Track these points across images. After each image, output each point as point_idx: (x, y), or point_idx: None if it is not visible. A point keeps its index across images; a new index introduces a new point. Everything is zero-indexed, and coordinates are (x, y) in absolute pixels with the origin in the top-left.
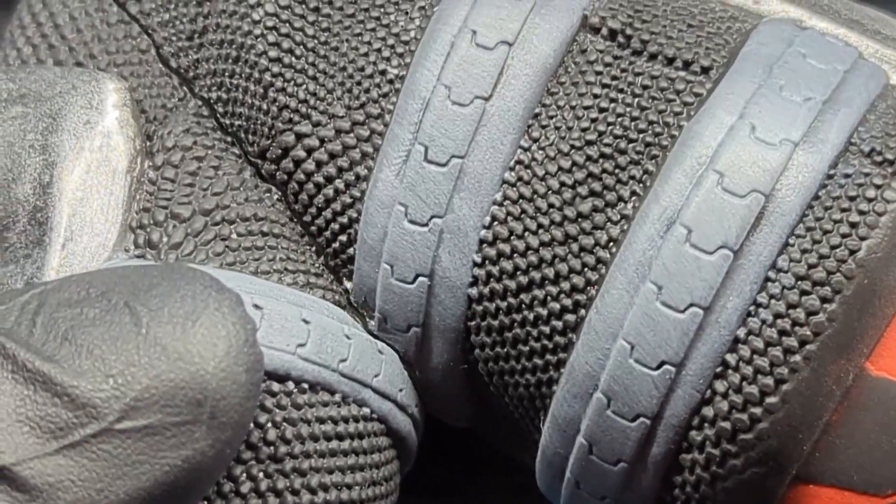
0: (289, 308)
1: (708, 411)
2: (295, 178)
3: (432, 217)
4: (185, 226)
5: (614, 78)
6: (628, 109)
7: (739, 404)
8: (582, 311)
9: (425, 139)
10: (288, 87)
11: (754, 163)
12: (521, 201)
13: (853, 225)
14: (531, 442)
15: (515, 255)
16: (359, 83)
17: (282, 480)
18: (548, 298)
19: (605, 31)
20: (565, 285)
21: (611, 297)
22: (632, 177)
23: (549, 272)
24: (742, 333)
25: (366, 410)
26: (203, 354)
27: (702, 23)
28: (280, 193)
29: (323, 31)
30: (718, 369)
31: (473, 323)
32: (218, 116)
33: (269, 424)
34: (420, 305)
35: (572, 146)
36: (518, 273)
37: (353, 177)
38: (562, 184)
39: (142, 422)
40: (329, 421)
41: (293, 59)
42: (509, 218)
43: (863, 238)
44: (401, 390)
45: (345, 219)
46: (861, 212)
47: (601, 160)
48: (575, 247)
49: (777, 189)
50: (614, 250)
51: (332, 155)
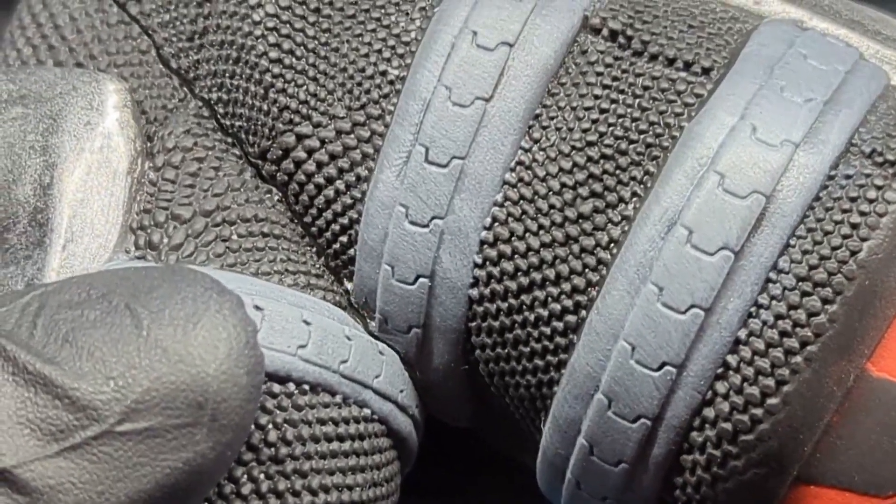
0: (289, 309)
1: (709, 412)
2: (295, 179)
3: (433, 218)
4: (186, 227)
5: (615, 79)
6: (629, 110)
7: (740, 405)
8: (583, 313)
9: (426, 140)
10: (288, 88)
11: (755, 164)
12: (522, 202)
13: (854, 226)
14: (532, 443)
15: (516, 256)
16: (359, 84)
17: (283, 482)
18: (549, 299)
19: (606, 32)
20: (566, 286)
21: (612, 299)
22: (633, 178)
23: (550, 273)
24: (743, 335)
25: (366, 411)
26: (204, 357)
27: (703, 23)
28: (280, 194)
29: (323, 32)
30: (719, 370)
31: (474, 324)
32: (218, 117)
33: (270, 426)
34: (421, 306)
35: (573, 147)
36: (519, 274)
37: (354, 178)
38: (563, 185)
39: (142, 424)
40: (330, 422)
41: (294, 60)
42: (510, 219)
43: (864, 239)
44: (401, 391)
45: (345, 220)
46: (862, 213)
47: (602, 161)
48: (576, 248)
49: (778, 190)
50: (615, 251)
51: (333, 156)
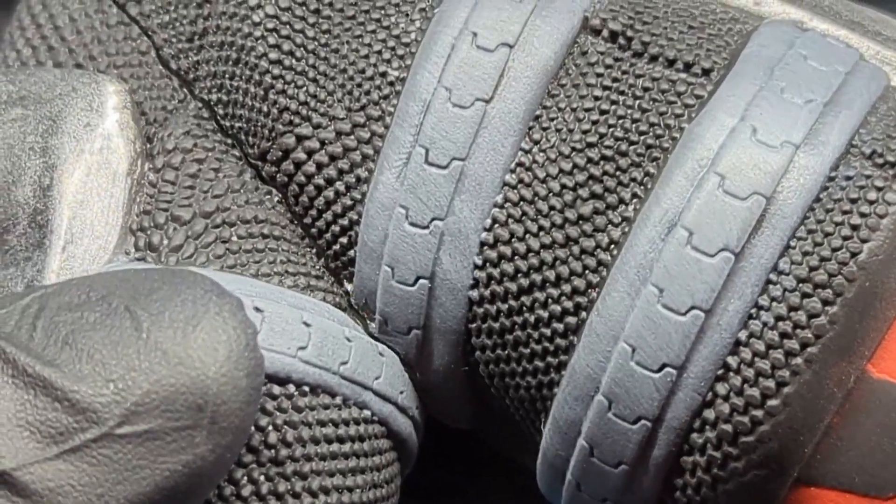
0: (289, 311)
1: (709, 414)
2: (295, 181)
3: (433, 219)
4: (186, 228)
5: (615, 80)
6: (629, 111)
7: (741, 407)
8: (583, 314)
9: (426, 141)
10: (288, 89)
11: (755, 165)
12: (522, 203)
13: (854, 227)
14: (532, 444)
15: (516, 258)
16: (359, 85)
17: (283, 483)
18: (549, 301)
19: (606, 33)
20: (566, 288)
21: (612, 300)
22: (633, 179)
23: (550, 274)
24: (743, 336)
25: (366, 413)
26: (204, 359)
27: (703, 24)
28: (280, 195)
29: (323, 33)
30: (720, 372)
31: (474, 325)
32: (218, 118)
33: (270, 427)
34: (421, 308)
35: (573, 148)
36: (519, 275)
37: (354, 179)
38: (563, 186)
39: (142, 427)
40: (330, 424)
41: (293, 61)
42: (510, 220)
43: (864, 240)
44: (401, 392)
45: (345, 221)
46: (862, 214)
47: (602, 162)
48: (576, 249)
49: (778, 191)
50: (615, 253)
51: (333, 157)
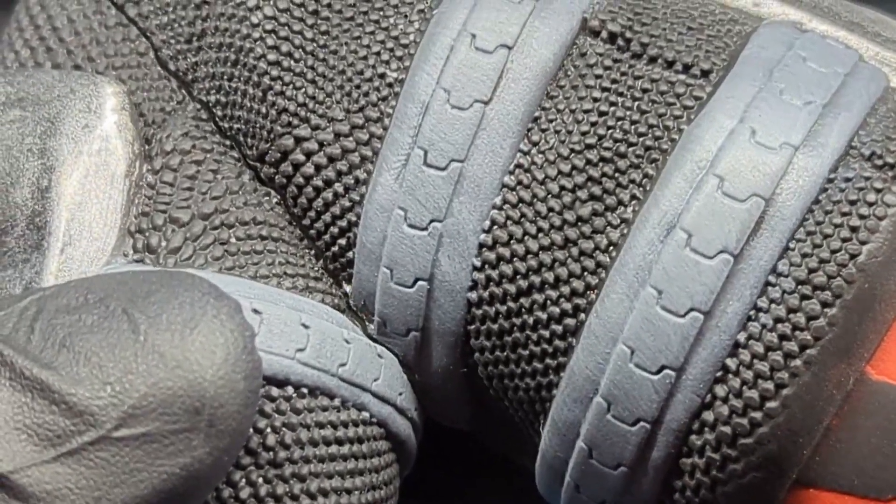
0: (288, 312)
1: (708, 415)
2: (294, 182)
3: (432, 221)
4: (184, 230)
5: (614, 81)
6: (628, 113)
7: (740, 409)
8: (582, 316)
9: (425, 143)
10: (287, 91)
11: (754, 167)
12: (521, 205)
13: (854, 229)
14: (531, 445)
15: (515, 259)
16: (358, 87)
17: (281, 486)
18: (547, 302)
19: (605, 35)
20: (565, 289)
21: (611, 302)
22: (632, 181)
23: (549, 276)
24: (742, 338)
25: (365, 415)
26: (201, 362)
27: (702, 25)
28: (279, 197)
29: (322, 35)
30: (719, 374)
31: (473, 327)
32: (217, 120)
33: (269, 430)
34: (419, 309)
35: (572, 150)
36: (518, 277)
37: (353, 180)
38: (561, 187)
39: (140, 429)
40: (328, 425)
41: (292, 63)
42: (509, 222)
43: (863, 242)
44: (400, 394)
45: (344, 222)
46: (861, 216)
47: (601, 164)
48: (575, 251)
49: (777, 193)
50: (614, 254)
51: (331, 158)
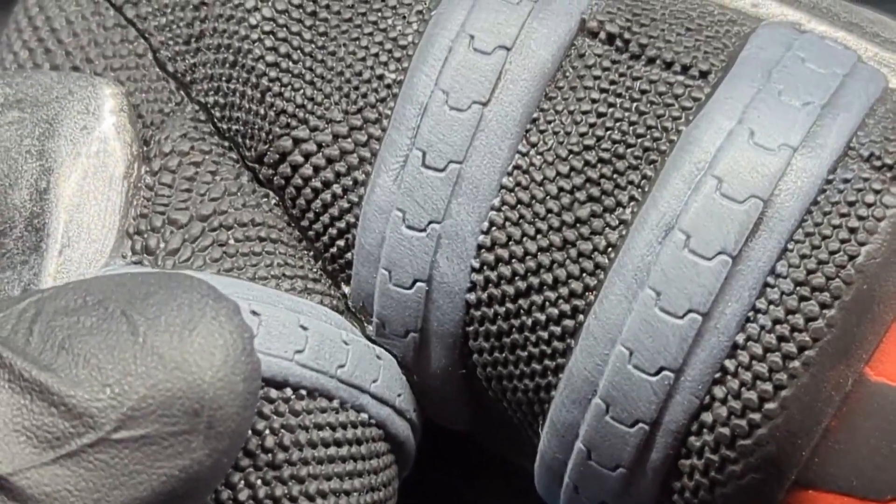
0: (286, 314)
1: (707, 417)
2: (292, 183)
3: (430, 222)
4: (183, 232)
5: (612, 82)
6: (626, 114)
7: (738, 410)
8: (580, 317)
9: (423, 144)
10: (285, 92)
11: (753, 168)
12: (520, 206)
13: (852, 230)
14: (530, 447)
15: (514, 261)
16: (356, 88)
17: (280, 488)
18: (546, 304)
19: (604, 35)
20: (564, 291)
21: (609, 303)
22: (630, 182)
23: (548, 277)
24: (741, 339)
25: (364, 416)
26: (200, 364)
27: (700, 26)
28: (277, 198)
29: (320, 36)
30: (717, 375)
31: (471, 328)
32: (215, 121)
33: (267, 431)
34: (418, 311)
35: (570, 151)
36: (516, 278)
37: (351, 182)
38: (560, 189)
39: (139, 431)
40: (327, 427)
41: (290, 64)
42: (507, 223)
43: (862, 243)
44: (399, 395)
45: (342, 223)
46: (860, 217)
47: (599, 165)
48: (573, 252)
49: (776, 194)
50: (613, 256)
51: (330, 160)
